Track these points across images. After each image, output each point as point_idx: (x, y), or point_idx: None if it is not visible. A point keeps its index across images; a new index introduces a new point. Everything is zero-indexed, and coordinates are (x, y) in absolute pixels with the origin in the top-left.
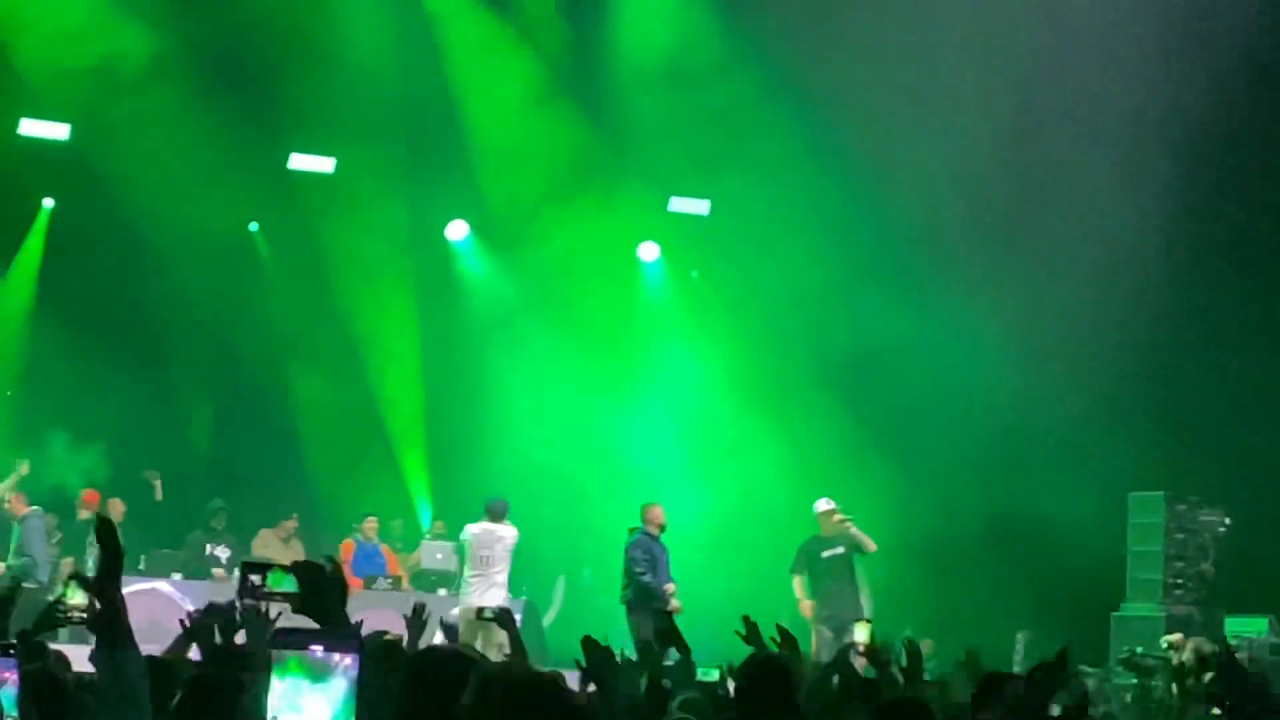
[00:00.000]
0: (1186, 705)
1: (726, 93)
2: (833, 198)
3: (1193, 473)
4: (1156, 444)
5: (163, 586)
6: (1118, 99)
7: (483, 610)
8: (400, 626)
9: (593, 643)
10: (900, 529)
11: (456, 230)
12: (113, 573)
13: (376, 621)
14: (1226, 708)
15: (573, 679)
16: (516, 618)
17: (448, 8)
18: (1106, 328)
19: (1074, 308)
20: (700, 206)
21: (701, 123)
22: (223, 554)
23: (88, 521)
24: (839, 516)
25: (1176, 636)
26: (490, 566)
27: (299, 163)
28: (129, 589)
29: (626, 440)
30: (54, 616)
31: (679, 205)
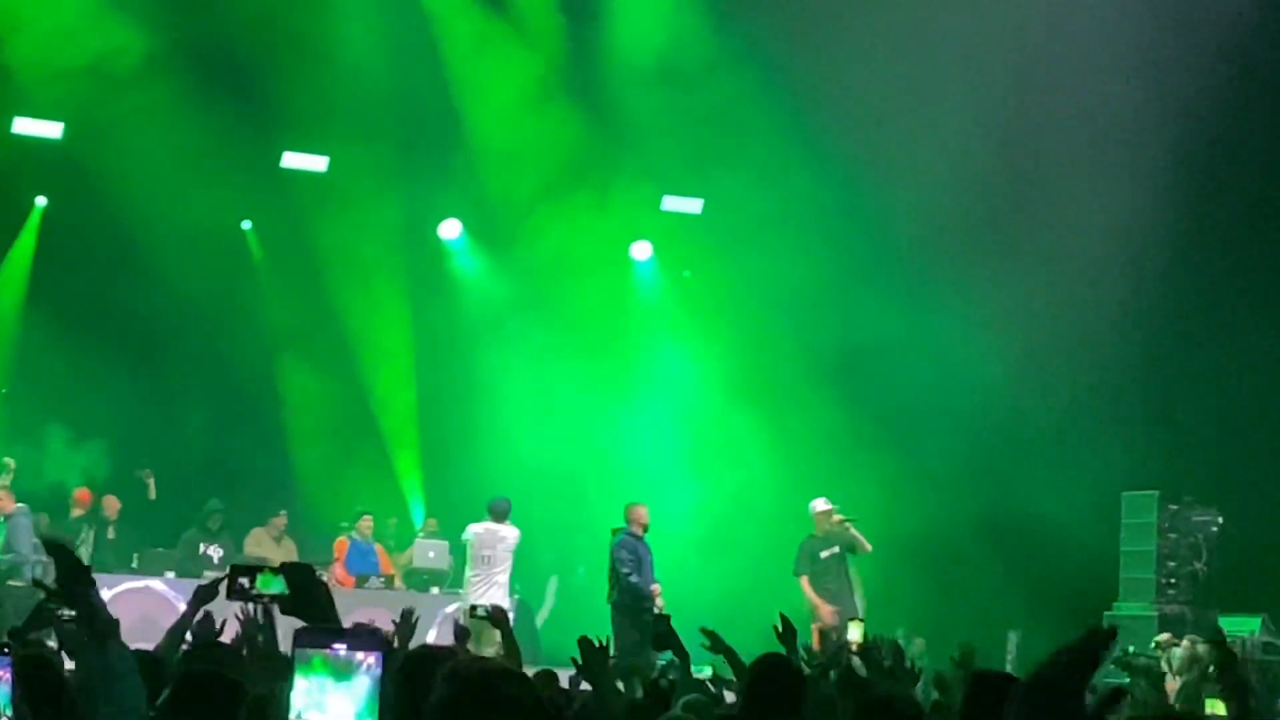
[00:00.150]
0: (1181, 704)
1: (720, 92)
2: (825, 197)
3: (1186, 472)
4: (1149, 443)
5: (155, 585)
6: (1112, 98)
7: (475, 608)
8: (392, 626)
9: (589, 642)
10: (893, 528)
11: (449, 229)
12: (76, 579)
13: (367, 621)
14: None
15: (566, 678)
16: (510, 617)
17: (442, 6)
18: (1099, 327)
19: (1066, 307)
20: (693, 205)
21: (694, 122)
22: (215, 554)
23: (81, 519)
24: (839, 517)
25: (1165, 636)
26: (492, 566)
27: (292, 161)
28: (121, 587)
29: (619, 439)
30: (44, 614)
31: (672, 204)
